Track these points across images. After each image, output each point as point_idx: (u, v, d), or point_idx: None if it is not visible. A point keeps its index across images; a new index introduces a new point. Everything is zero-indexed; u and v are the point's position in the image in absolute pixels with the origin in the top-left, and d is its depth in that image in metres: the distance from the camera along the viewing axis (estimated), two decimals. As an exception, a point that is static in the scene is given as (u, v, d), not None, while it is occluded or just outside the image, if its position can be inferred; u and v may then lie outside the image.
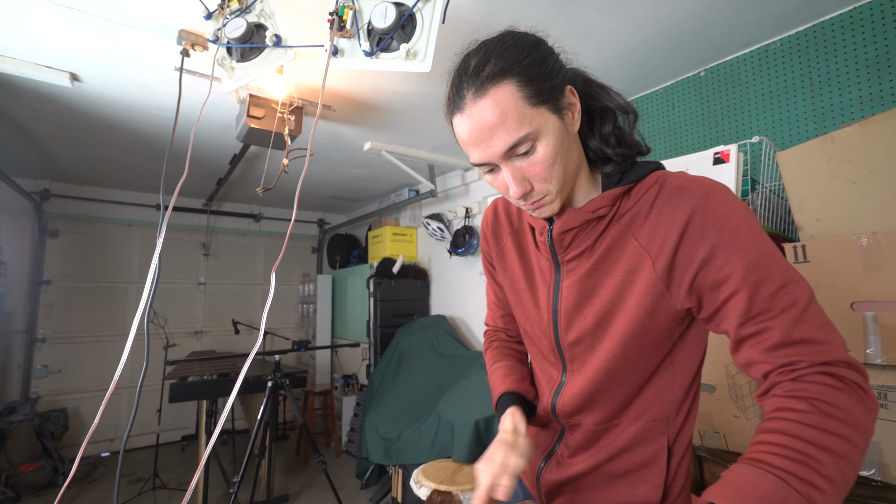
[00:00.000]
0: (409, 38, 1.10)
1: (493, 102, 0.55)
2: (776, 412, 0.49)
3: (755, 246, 0.54)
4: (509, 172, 0.59)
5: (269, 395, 2.29)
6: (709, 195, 0.57)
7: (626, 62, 1.90)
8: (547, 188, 0.60)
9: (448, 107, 0.62)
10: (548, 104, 0.57)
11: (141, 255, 4.16)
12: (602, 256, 0.64)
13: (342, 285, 4.43)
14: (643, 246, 0.61)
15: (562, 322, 0.69)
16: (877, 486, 1.04)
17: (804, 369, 0.50)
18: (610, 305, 0.64)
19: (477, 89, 0.56)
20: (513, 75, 0.56)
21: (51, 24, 1.61)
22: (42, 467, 3.08)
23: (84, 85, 2.07)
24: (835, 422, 0.46)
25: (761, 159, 1.59)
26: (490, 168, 0.61)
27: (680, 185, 0.59)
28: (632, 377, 0.66)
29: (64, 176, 3.62)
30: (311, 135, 1.13)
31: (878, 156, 1.13)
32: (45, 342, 3.68)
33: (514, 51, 0.57)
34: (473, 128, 0.57)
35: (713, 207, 0.56)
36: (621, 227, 0.63)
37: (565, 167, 0.60)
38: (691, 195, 0.58)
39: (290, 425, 4.47)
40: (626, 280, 0.62)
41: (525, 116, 0.56)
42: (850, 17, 1.53)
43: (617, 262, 0.63)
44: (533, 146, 0.57)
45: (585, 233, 0.65)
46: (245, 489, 2.88)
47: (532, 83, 0.56)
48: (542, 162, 0.58)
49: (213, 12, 1.24)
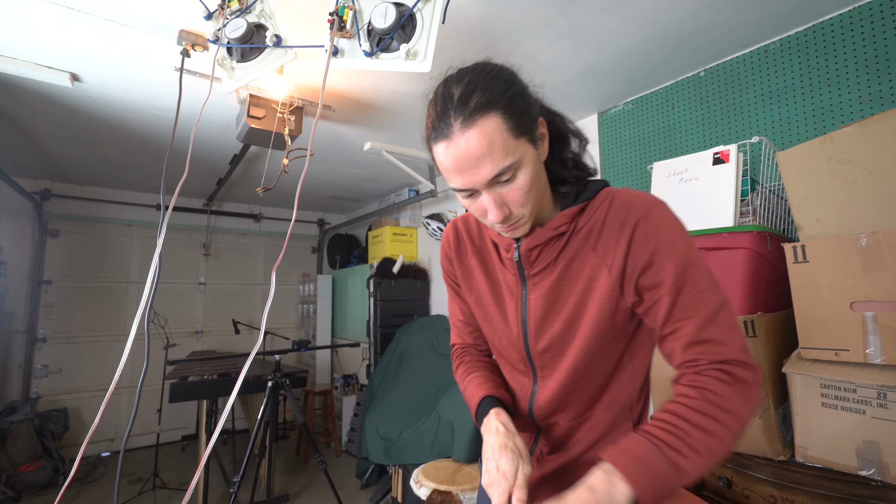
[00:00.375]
0: (409, 39, 1.10)
1: (480, 133, 0.59)
2: (675, 397, 0.60)
3: (684, 256, 0.63)
4: (490, 199, 0.63)
5: (269, 395, 2.29)
6: (650, 209, 0.66)
7: (626, 62, 1.90)
8: (522, 212, 0.66)
9: (429, 132, 0.64)
10: (527, 136, 0.62)
11: (141, 255, 4.16)
12: (565, 269, 0.71)
13: (342, 285, 4.43)
14: (600, 257, 0.68)
15: (531, 332, 0.75)
16: (877, 486, 1.04)
17: (704, 365, 0.61)
18: (575, 312, 0.70)
19: (465, 119, 0.59)
20: (498, 108, 0.59)
21: (51, 25, 1.61)
22: (42, 467, 3.09)
23: (84, 85, 2.07)
24: (714, 408, 0.57)
25: (761, 159, 1.59)
26: (469, 193, 0.65)
27: (626, 201, 0.67)
28: (599, 373, 0.73)
29: (64, 176, 3.62)
30: (311, 135, 1.13)
31: (877, 156, 1.13)
32: (46, 342, 3.68)
33: (497, 83, 0.61)
34: (460, 156, 0.60)
35: (653, 220, 0.65)
36: (579, 240, 0.70)
37: (538, 193, 0.66)
38: (636, 209, 0.66)
39: (290, 425, 4.47)
40: (588, 288, 0.69)
41: (509, 147, 0.60)
42: (849, 18, 1.53)
43: (579, 272, 0.70)
44: (514, 174, 0.62)
45: (549, 248, 0.71)
46: (245, 489, 2.88)
47: (514, 116, 0.60)
48: (521, 189, 0.63)
49: (214, 12, 1.24)
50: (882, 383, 1.03)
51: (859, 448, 1.07)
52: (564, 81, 2.06)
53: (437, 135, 0.62)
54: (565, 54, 1.82)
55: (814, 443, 1.15)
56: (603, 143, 2.41)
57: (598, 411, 0.75)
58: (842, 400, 1.10)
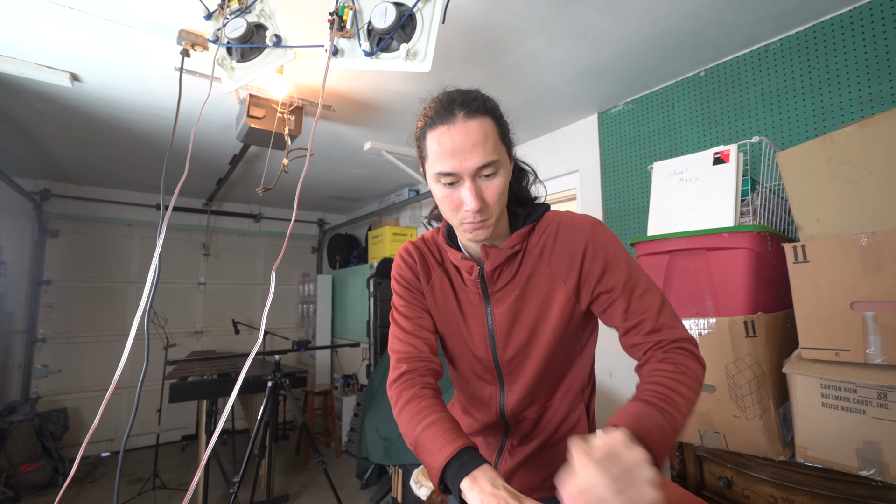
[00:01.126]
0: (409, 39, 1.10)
1: (480, 125, 0.70)
2: (655, 371, 0.69)
3: (627, 264, 0.76)
4: (472, 188, 0.70)
5: (269, 395, 2.29)
6: (594, 230, 0.78)
7: (626, 62, 1.90)
8: (493, 211, 0.73)
9: (429, 121, 0.73)
10: (507, 148, 0.76)
11: (141, 255, 4.16)
12: (525, 284, 0.80)
13: (342, 285, 4.43)
14: (554, 272, 0.79)
15: (499, 343, 0.83)
16: (877, 486, 1.04)
17: (668, 345, 0.72)
18: (536, 321, 0.80)
19: (468, 112, 0.70)
20: (493, 115, 0.72)
21: (51, 24, 1.61)
22: (42, 467, 3.08)
23: (84, 85, 2.07)
24: (687, 377, 0.68)
25: (761, 159, 1.59)
26: (452, 181, 0.71)
27: (573, 224, 0.79)
28: (559, 370, 0.84)
29: (64, 176, 3.62)
30: (311, 135, 1.13)
31: (877, 156, 1.13)
32: (45, 342, 3.68)
33: (490, 102, 0.75)
34: (459, 140, 0.69)
35: (598, 239, 0.77)
36: (534, 258, 0.80)
37: (505, 200, 0.76)
38: (582, 230, 0.77)
39: (290, 425, 4.47)
40: (546, 299, 0.79)
41: (498, 146, 0.72)
42: (849, 18, 1.53)
43: (537, 286, 0.80)
44: (495, 172, 0.71)
45: (508, 267, 0.81)
46: (245, 489, 2.88)
47: (502, 127, 0.75)
48: (498, 188, 0.72)
49: (214, 12, 1.24)
50: (882, 383, 1.03)
51: (859, 448, 1.06)
52: (564, 81, 2.05)
53: (438, 121, 0.71)
54: (565, 54, 1.82)
55: (814, 443, 1.15)
56: (603, 143, 2.41)
57: (556, 399, 0.86)
58: (842, 400, 1.10)
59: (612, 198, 2.35)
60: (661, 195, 1.59)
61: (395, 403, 0.77)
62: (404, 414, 0.75)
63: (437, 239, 0.88)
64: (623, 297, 0.75)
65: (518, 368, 0.84)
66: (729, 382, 1.27)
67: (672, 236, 1.47)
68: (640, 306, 0.74)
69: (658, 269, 1.50)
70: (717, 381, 1.28)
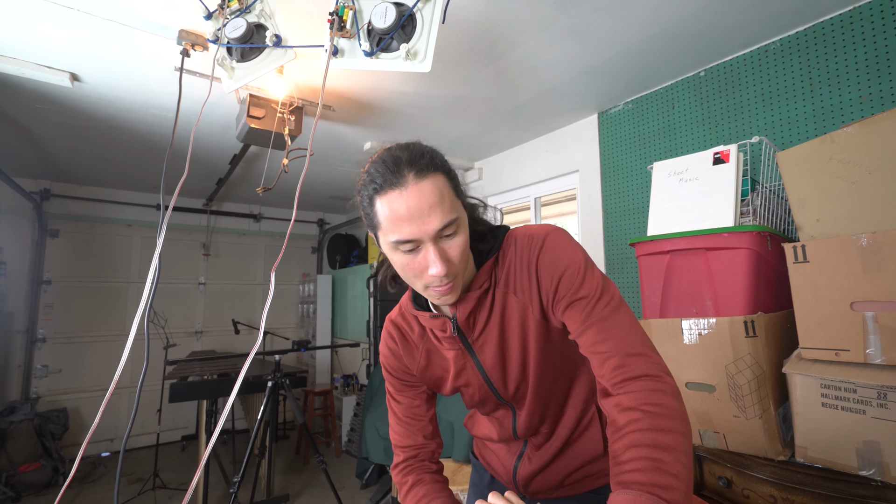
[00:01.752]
0: (409, 39, 1.10)
1: (433, 185, 0.65)
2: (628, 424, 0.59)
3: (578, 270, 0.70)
4: (436, 252, 0.65)
5: (269, 395, 2.29)
6: (543, 241, 0.73)
7: (626, 62, 1.90)
8: (458, 270, 0.69)
9: (375, 185, 0.66)
10: (462, 201, 0.71)
11: (141, 255, 4.16)
12: (500, 321, 0.77)
13: (342, 285, 4.43)
14: (520, 299, 0.75)
15: (497, 386, 0.81)
16: (876, 485, 1.04)
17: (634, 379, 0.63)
18: (522, 353, 0.78)
19: (418, 172, 0.64)
20: (443, 170, 0.68)
21: (51, 25, 1.61)
22: (42, 467, 3.09)
23: (84, 85, 2.07)
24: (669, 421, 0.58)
25: (761, 159, 1.59)
26: (412, 248, 0.66)
27: (523, 240, 0.75)
28: (563, 385, 0.84)
29: (64, 176, 3.62)
30: (311, 135, 1.13)
31: (877, 156, 1.13)
32: (46, 342, 3.68)
33: (436, 156, 0.69)
34: (413, 204, 0.63)
35: (549, 248, 0.73)
36: (501, 290, 0.76)
37: (468, 254, 0.72)
38: (533, 245, 0.73)
39: (290, 425, 4.47)
40: (522, 326, 0.76)
41: (455, 203, 0.68)
42: (849, 18, 1.53)
43: (511, 318, 0.77)
44: (456, 230, 0.67)
45: (481, 309, 0.77)
46: (245, 489, 2.88)
47: (454, 181, 0.70)
48: (459, 246, 0.67)
49: (214, 12, 1.24)
50: (882, 383, 1.03)
51: (859, 448, 1.07)
52: (564, 81, 2.06)
53: (386, 185, 0.64)
54: (565, 54, 1.82)
55: (814, 443, 1.15)
56: (603, 143, 2.41)
57: (568, 409, 0.86)
58: (842, 400, 1.10)
59: (612, 198, 2.35)
60: (661, 195, 1.59)
61: (401, 488, 0.86)
62: (408, 499, 0.84)
63: (408, 308, 0.85)
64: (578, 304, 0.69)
65: (523, 397, 0.83)
66: (729, 382, 1.27)
67: (672, 236, 1.47)
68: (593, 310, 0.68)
69: (658, 269, 1.51)
70: (717, 381, 1.28)
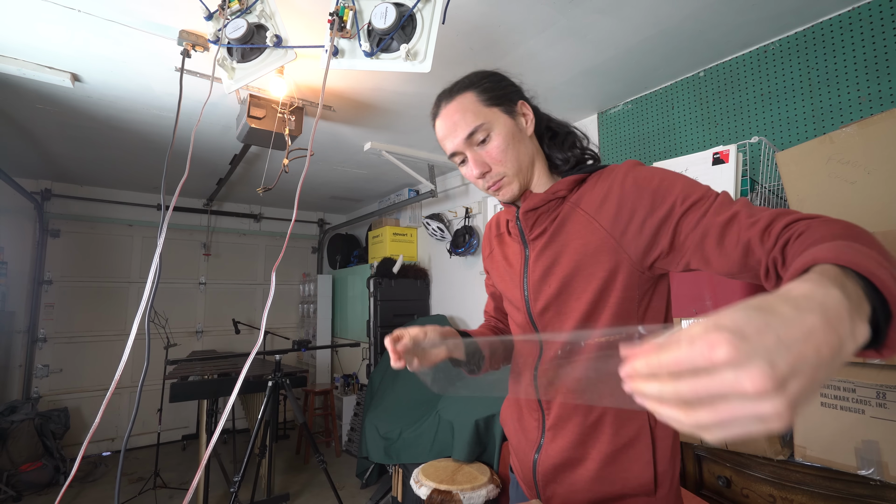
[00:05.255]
0: (409, 39, 1.10)
1: (456, 104, 0.76)
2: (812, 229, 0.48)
3: (681, 182, 0.66)
4: (471, 157, 0.76)
5: (269, 395, 2.29)
6: (634, 165, 0.72)
7: (626, 62, 1.90)
8: (503, 170, 0.76)
9: (431, 115, 0.82)
10: (500, 106, 0.76)
11: (142, 255, 4.16)
12: (557, 230, 0.77)
13: (342, 285, 4.43)
14: (589, 214, 0.73)
15: (531, 293, 0.80)
16: (876, 485, 1.04)
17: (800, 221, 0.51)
18: (571, 271, 0.74)
19: (447, 98, 0.78)
20: (473, 88, 0.77)
21: (52, 25, 1.62)
22: (43, 466, 3.09)
23: (85, 85, 2.08)
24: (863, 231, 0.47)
25: (760, 159, 1.59)
26: (462, 159, 0.78)
27: (612, 167, 0.75)
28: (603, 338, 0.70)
29: (65, 176, 3.63)
30: (312, 135, 1.13)
31: (876, 156, 1.13)
32: (47, 342, 3.69)
33: (476, 75, 0.79)
34: (443, 124, 0.77)
35: (640, 170, 0.71)
36: (571, 204, 0.77)
37: (518, 155, 0.76)
38: (620, 168, 0.73)
39: (290, 425, 4.48)
40: (582, 245, 0.73)
41: (480, 112, 0.75)
42: (848, 18, 1.54)
43: (571, 233, 0.75)
44: (488, 136, 0.75)
45: (547, 214, 0.78)
46: (245, 488, 2.89)
47: (487, 92, 0.76)
48: (496, 148, 0.75)
49: (214, 13, 1.25)
50: (881, 383, 1.03)
51: (858, 447, 1.07)
52: (564, 81, 2.06)
53: (434, 119, 0.80)
54: (565, 54, 1.82)
55: (813, 442, 1.15)
56: (603, 143, 2.41)
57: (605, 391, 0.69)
58: (841, 399, 1.10)
59: (611, 198, 2.35)
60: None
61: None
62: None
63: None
64: (692, 211, 0.62)
65: (551, 325, 0.77)
66: (728, 382, 1.27)
67: (671, 236, 1.47)
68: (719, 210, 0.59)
69: (657, 268, 1.51)
70: (716, 380, 1.29)
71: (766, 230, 0.53)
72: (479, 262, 3.26)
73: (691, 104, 2.01)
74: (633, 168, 0.71)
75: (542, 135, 0.83)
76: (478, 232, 3.23)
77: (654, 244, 0.67)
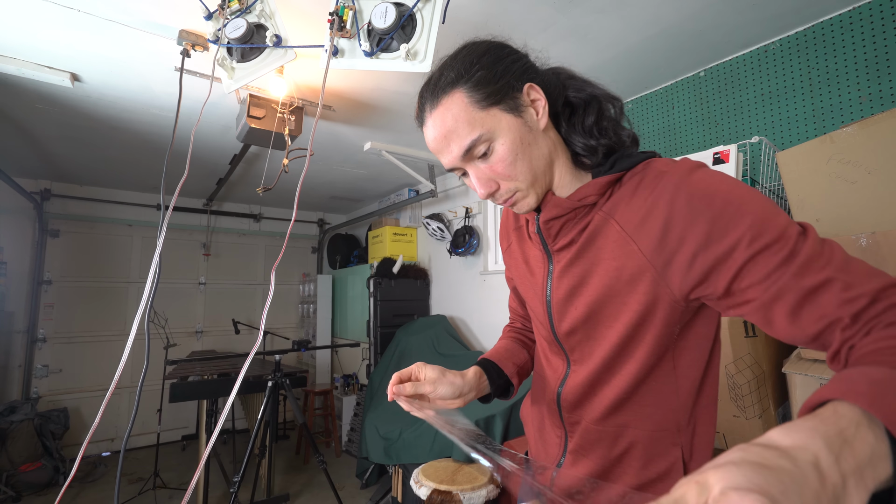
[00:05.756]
0: (409, 39, 1.10)
1: (444, 111, 0.59)
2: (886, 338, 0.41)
3: (752, 209, 0.50)
4: (473, 174, 0.62)
5: (269, 395, 2.29)
6: (690, 172, 0.55)
7: (626, 62, 1.90)
8: (514, 185, 0.62)
9: (416, 121, 0.66)
10: (500, 105, 0.59)
11: (141, 255, 4.16)
12: (586, 244, 0.63)
13: (342, 285, 4.43)
14: (626, 231, 0.59)
15: (555, 312, 0.69)
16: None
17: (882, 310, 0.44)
18: (601, 297, 0.63)
19: (431, 102, 0.61)
20: (461, 83, 0.59)
21: (52, 25, 1.61)
22: (43, 467, 3.09)
23: (85, 85, 2.08)
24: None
25: (761, 159, 1.59)
26: (462, 172, 0.64)
27: (662, 170, 0.58)
28: (631, 371, 0.63)
29: (64, 176, 3.62)
30: (312, 135, 1.13)
31: (877, 156, 1.13)
32: (46, 342, 3.69)
33: (465, 61, 0.60)
34: (432, 137, 0.62)
35: (697, 181, 0.54)
36: (604, 213, 0.62)
37: (531, 163, 0.61)
38: (672, 175, 0.56)
39: (290, 425, 4.47)
40: (615, 268, 0.60)
41: (475, 120, 0.58)
42: (849, 18, 1.53)
43: (602, 249, 0.62)
44: (490, 147, 0.60)
45: (574, 222, 0.64)
46: (245, 489, 2.88)
47: (480, 88, 0.59)
48: (503, 160, 0.60)
49: (214, 13, 1.24)
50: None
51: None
52: (564, 81, 2.06)
53: (419, 121, 0.64)
54: (565, 54, 1.82)
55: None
56: (603, 143, 2.41)
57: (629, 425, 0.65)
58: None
59: (612, 198, 2.35)
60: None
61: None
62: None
63: None
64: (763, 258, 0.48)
65: (580, 348, 0.68)
66: (728, 382, 1.27)
67: (672, 236, 1.47)
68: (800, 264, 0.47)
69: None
70: (716, 380, 1.29)
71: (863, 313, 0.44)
72: (480, 263, 3.25)
73: (692, 104, 2.01)
74: (688, 177, 0.55)
75: (559, 113, 0.66)
76: (478, 232, 3.23)
77: (704, 284, 0.54)
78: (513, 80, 0.60)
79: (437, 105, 0.60)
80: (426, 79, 0.64)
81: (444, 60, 0.63)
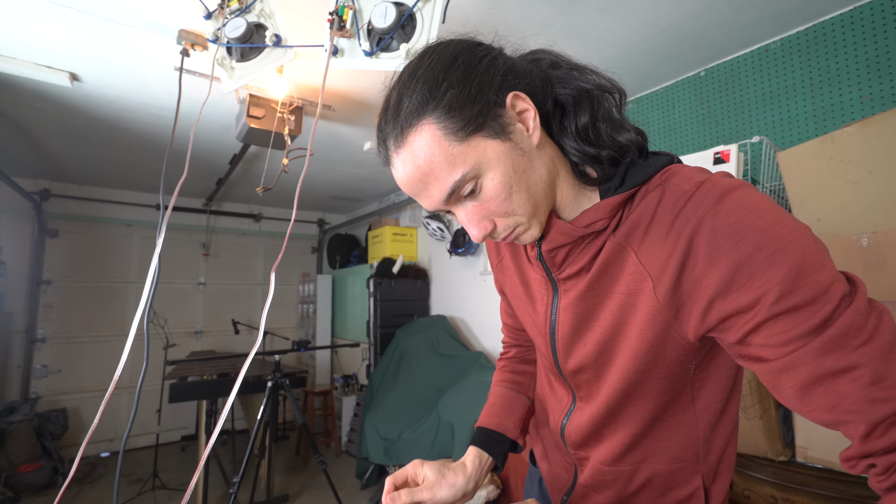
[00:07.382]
0: (409, 38, 1.10)
1: (415, 152, 0.47)
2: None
3: (793, 255, 0.41)
4: (463, 216, 0.51)
5: (268, 395, 2.29)
6: (720, 199, 0.45)
7: (626, 62, 1.89)
8: (513, 221, 0.51)
9: (379, 158, 0.54)
10: (482, 131, 0.47)
11: (141, 255, 4.16)
12: (599, 274, 0.54)
13: (342, 285, 4.43)
14: (642, 263, 0.50)
15: (560, 349, 0.62)
16: (877, 486, 1.04)
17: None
18: (612, 333, 0.55)
19: (396, 137, 0.49)
20: (430, 110, 0.46)
21: (51, 24, 1.61)
22: (42, 467, 3.08)
23: (84, 85, 2.07)
24: None
25: (761, 159, 1.59)
26: (448, 211, 0.53)
27: (685, 189, 0.48)
28: (643, 411, 0.58)
29: (64, 176, 3.62)
30: (311, 135, 1.13)
31: (878, 156, 1.13)
32: (45, 342, 3.68)
33: (430, 75, 0.48)
34: (405, 181, 0.50)
35: (726, 214, 0.44)
36: (618, 238, 0.52)
37: (528, 191, 0.50)
38: (698, 201, 0.46)
39: (290, 425, 4.47)
40: (627, 304, 0.53)
41: (455, 156, 0.47)
42: (850, 17, 1.53)
43: (616, 280, 0.53)
44: (477, 184, 0.49)
45: (581, 248, 0.55)
46: (245, 489, 2.88)
47: (454, 114, 0.46)
48: (496, 197, 0.49)
49: (213, 12, 1.24)
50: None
51: (860, 448, 1.06)
52: (564, 81, 2.05)
53: (384, 161, 0.52)
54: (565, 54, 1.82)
55: (814, 443, 1.15)
56: (603, 142, 2.41)
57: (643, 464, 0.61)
58: (843, 400, 1.10)
59: (612, 198, 2.35)
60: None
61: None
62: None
63: None
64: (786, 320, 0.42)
65: (587, 386, 0.62)
66: (729, 382, 1.27)
67: (672, 236, 1.47)
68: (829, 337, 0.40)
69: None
70: (717, 381, 1.28)
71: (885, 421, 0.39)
72: (480, 263, 3.25)
73: (692, 104, 2.00)
74: (716, 206, 0.45)
75: (549, 115, 0.54)
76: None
77: (717, 332, 0.48)
78: (492, 94, 0.48)
79: (403, 143, 0.48)
80: (383, 103, 0.52)
81: (401, 77, 0.50)
